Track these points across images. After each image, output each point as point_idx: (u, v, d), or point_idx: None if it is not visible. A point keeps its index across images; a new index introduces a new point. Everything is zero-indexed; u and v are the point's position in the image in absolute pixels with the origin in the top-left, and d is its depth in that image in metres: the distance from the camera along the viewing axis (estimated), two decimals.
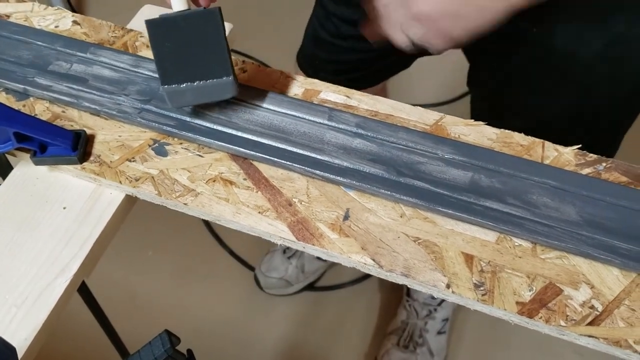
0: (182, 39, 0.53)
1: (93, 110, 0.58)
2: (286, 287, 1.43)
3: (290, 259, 1.44)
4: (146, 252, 1.49)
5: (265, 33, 1.35)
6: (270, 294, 1.44)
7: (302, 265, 1.44)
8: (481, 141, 0.57)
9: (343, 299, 1.44)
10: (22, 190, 0.55)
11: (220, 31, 0.53)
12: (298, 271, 1.43)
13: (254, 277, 1.46)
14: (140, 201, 0.56)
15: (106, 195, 0.55)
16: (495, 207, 0.52)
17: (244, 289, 1.45)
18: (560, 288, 0.49)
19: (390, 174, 0.53)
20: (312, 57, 1.01)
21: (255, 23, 1.85)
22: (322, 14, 0.93)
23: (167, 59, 0.53)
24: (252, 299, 1.44)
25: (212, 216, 0.53)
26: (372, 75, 1.03)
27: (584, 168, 0.56)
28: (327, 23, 0.93)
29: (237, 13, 2.04)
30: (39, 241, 0.52)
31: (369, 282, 1.46)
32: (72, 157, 0.54)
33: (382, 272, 0.50)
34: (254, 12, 1.99)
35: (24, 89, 0.59)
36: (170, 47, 0.53)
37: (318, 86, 0.62)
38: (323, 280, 1.47)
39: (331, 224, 0.52)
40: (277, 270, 1.43)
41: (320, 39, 0.96)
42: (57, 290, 0.49)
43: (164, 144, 0.57)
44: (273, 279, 1.42)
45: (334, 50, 0.96)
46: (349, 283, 1.45)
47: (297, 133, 0.57)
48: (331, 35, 0.94)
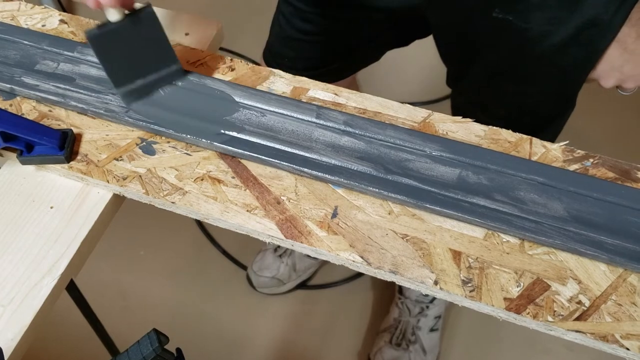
0: (124, 42, 0.56)
1: (80, 110, 0.58)
2: (278, 286, 1.43)
3: (282, 258, 1.44)
4: (137, 252, 1.48)
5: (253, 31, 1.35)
6: (262, 293, 1.44)
7: (294, 263, 1.44)
8: (469, 138, 0.58)
9: (335, 297, 1.44)
10: (9, 189, 0.55)
11: (158, 26, 0.57)
12: (290, 269, 1.43)
13: (246, 276, 1.46)
14: (131, 200, 0.56)
15: (93, 194, 0.55)
16: (483, 204, 0.52)
17: (236, 288, 1.45)
18: (548, 284, 0.49)
19: (379, 172, 0.54)
20: (279, 55, 1.01)
21: (244, 21, 1.84)
22: (289, 10, 0.93)
23: (115, 64, 0.56)
24: (245, 298, 1.44)
25: (200, 215, 0.53)
26: (342, 69, 1.03)
27: (572, 164, 0.56)
28: (294, 19, 0.93)
29: (226, 11, 2.05)
30: (26, 240, 0.52)
31: (362, 280, 1.46)
32: (59, 156, 0.54)
33: (371, 269, 0.50)
34: (243, 10, 1.98)
35: (10, 89, 0.59)
36: (116, 52, 0.56)
37: (306, 84, 0.62)
38: (315, 279, 1.47)
39: (319, 221, 0.52)
40: (269, 269, 1.43)
41: (287, 37, 0.96)
42: (45, 290, 0.49)
43: (152, 143, 0.57)
44: (265, 277, 1.42)
45: (302, 46, 0.96)
46: (342, 281, 1.45)
47: (285, 131, 0.57)
48: (299, 31, 0.94)
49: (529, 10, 0.70)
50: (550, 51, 0.73)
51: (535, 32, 0.72)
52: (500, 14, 0.72)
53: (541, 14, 0.70)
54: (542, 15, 0.70)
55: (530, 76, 0.80)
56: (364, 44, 0.96)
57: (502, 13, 0.72)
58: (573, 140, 0.60)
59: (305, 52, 0.97)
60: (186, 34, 0.67)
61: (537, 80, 0.80)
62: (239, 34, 1.70)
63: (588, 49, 0.72)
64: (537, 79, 0.80)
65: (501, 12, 0.72)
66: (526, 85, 0.81)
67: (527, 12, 0.70)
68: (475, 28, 0.77)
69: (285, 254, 1.44)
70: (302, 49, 0.97)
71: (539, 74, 0.79)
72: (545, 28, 0.71)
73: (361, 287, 1.46)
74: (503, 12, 0.72)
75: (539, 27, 0.71)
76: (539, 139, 0.58)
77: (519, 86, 0.82)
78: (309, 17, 0.90)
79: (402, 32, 0.94)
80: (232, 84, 0.60)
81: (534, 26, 0.71)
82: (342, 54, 0.98)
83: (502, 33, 0.74)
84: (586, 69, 0.75)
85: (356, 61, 1.03)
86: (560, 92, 0.82)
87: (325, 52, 0.97)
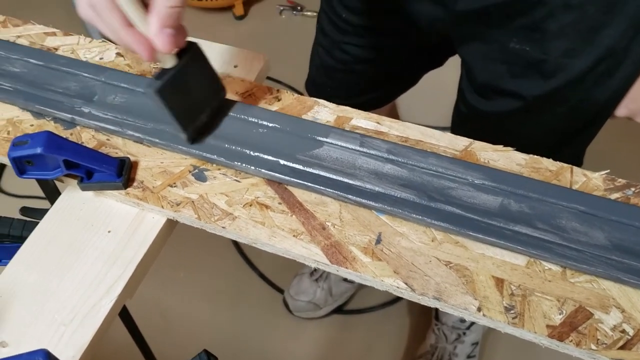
0: (184, 84, 0.56)
1: (136, 139, 0.61)
2: (315, 310, 1.44)
3: (318, 282, 1.45)
4: (178, 274, 1.52)
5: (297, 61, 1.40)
6: (299, 317, 1.45)
7: (330, 288, 1.45)
8: (510, 166, 0.59)
9: (372, 323, 1.45)
10: (69, 214, 0.58)
11: (206, 59, 0.59)
12: (326, 294, 1.45)
13: (283, 300, 1.47)
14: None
15: (148, 219, 0.57)
16: (525, 232, 0.53)
17: (273, 311, 1.47)
18: (591, 312, 0.50)
19: (422, 199, 0.55)
20: (322, 86, 1.04)
21: (288, 51, 1.89)
22: (327, 42, 0.95)
23: (179, 107, 0.57)
24: (282, 322, 1.45)
25: (248, 239, 0.55)
26: (381, 97, 1.05)
27: (613, 193, 0.57)
28: (334, 51, 0.95)
29: (271, 42, 2.10)
30: (86, 263, 0.54)
31: (398, 306, 1.46)
32: (117, 183, 0.57)
33: (415, 296, 0.51)
34: (287, 41, 2.03)
35: (71, 119, 0.62)
36: (178, 96, 0.56)
37: (349, 113, 0.64)
38: (352, 304, 1.48)
39: (364, 247, 0.54)
40: (306, 294, 1.44)
41: (327, 67, 0.99)
42: (103, 310, 0.52)
43: (204, 170, 0.59)
44: (302, 302, 1.44)
45: (342, 76, 0.99)
46: (378, 306, 1.46)
47: (330, 159, 0.59)
48: (340, 62, 0.96)
49: (546, 40, 0.71)
50: (567, 84, 0.74)
51: (552, 65, 0.72)
52: (517, 44, 0.73)
53: (558, 44, 0.70)
54: (559, 45, 0.70)
55: (546, 107, 0.80)
56: (402, 70, 0.98)
57: (520, 43, 0.73)
58: (614, 169, 0.60)
59: (345, 82, 0.99)
60: (235, 66, 0.70)
61: (553, 113, 0.80)
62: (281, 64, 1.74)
63: (605, 80, 0.73)
64: (553, 111, 0.80)
65: (519, 42, 0.73)
66: (539, 116, 0.81)
67: (544, 42, 0.71)
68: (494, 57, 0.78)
69: (321, 279, 1.46)
70: (343, 79, 0.99)
71: (554, 106, 0.79)
72: (562, 60, 0.71)
73: (397, 313, 1.46)
74: (520, 42, 0.72)
75: (556, 59, 0.72)
76: (578, 168, 0.59)
77: (534, 116, 0.82)
78: (347, 48, 0.93)
79: (435, 52, 0.95)
80: (278, 113, 0.63)
81: (550, 57, 0.72)
82: (381, 82, 1.01)
83: (520, 64, 0.75)
84: (603, 99, 0.75)
85: (395, 88, 1.06)
86: (574, 125, 0.82)
87: (365, 81, 0.99)
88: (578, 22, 0.68)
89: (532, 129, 0.83)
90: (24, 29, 0.74)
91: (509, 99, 0.80)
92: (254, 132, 0.61)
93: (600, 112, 0.79)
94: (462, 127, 0.93)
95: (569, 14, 0.67)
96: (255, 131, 0.61)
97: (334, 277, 1.45)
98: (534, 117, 0.81)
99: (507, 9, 0.70)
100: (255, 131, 0.61)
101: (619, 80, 0.72)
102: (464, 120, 0.92)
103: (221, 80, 0.61)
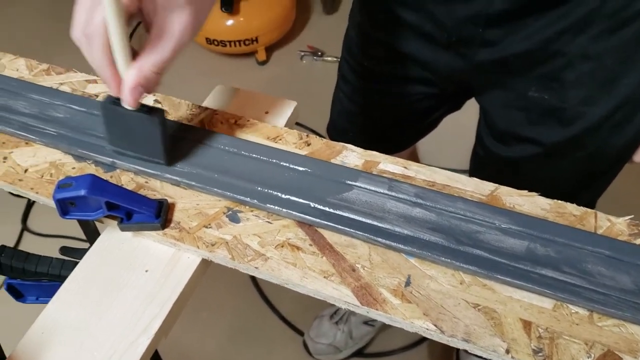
0: (128, 124, 0.61)
1: (174, 182, 0.63)
2: (335, 354, 1.44)
3: (338, 325, 1.46)
4: (199, 314, 1.53)
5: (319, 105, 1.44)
6: None
7: (350, 331, 1.45)
8: (535, 211, 0.60)
9: None
10: (108, 254, 0.60)
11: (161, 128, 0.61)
12: (346, 337, 1.44)
13: (302, 342, 1.47)
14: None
15: (184, 259, 0.59)
16: (551, 275, 0.54)
17: (293, 353, 1.47)
18: (620, 356, 0.50)
19: (450, 243, 0.57)
20: (344, 130, 1.06)
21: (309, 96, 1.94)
22: (348, 89, 0.98)
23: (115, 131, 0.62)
24: None
25: (281, 280, 0.57)
26: (403, 141, 1.07)
27: (638, 238, 0.58)
28: (355, 97, 0.98)
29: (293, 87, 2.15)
30: (125, 302, 0.56)
31: (419, 349, 1.45)
32: (155, 224, 0.59)
33: (444, 337, 0.52)
34: (308, 85, 2.08)
35: (111, 162, 0.65)
36: (118, 125, 0.62)
37: (377, 157, 0.67)
38: (372, 346, 1.47)
39: (393, 289, 0.55)
40: (326, 336, 1.44)
41: (349, 113, 1.01)
42: (140, 348, 0.53)
43: (237, 212, 0.62)
44: (322, 345, 1.44)
45: (364, 121, 1.01)
46: (399, 350, 1.45)
47: (359, 202, 0.61)
48: (362, 107, 0.99)
49: (564, 89, 0.73)
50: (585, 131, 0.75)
51: (570, 113, 0.74)
52: (536, 92, 0.75)
53: (576, 93, 0.72)
54: (577, 94, 0.72)
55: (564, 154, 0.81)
56: (423, 116, 1.01)
57: (538, 92, 0.75)
58: (638, 214, 0.61)
59: (367, 127, 1.02)
60: (266, 112, 0.73)
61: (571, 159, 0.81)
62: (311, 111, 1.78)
63: (622, 127, 0.74)
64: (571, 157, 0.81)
65: (537, 90, 0.75)
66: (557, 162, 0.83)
67: (563, 91, 0.73)
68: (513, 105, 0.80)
69: (341, 321, 1.46)
70: (364, 124, 1.02)
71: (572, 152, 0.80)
72: (580, 108, 0.73)
73: (418, 356, 1.45)
74: (539, 90, 0.75)
75: (574, 107, 0.73)
76: (602, 213, 0.60)
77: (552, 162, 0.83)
78: (368, 94, 0.96)
79: (455, 97, 0.98)
80: (308, 157, 0.65)
81: (569, 106, 0.74)
82: (402, 128, 1.03)
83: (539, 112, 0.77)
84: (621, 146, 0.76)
85: (416, 133, 1.08)
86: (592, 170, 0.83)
87: (386, 126, 1.02)
88: (596, 72, 0.70)
89: (551, 174, 0.84)
90: (66, 76, 0.78)
91: (527, 145, 0.82)
92: (285, 175, 0.63)
93: (618, 158, 0.80)
94: (480, 170, 0.95)
95: (587, 64, 0.70)
96: (287, 175, 0.63)
97: (354, 320, 1.45)
98: (552, 163, 0.82)
99: (527, 59, 0.73)
100: (287, 175, 0.63)
101: (636, 127, 0.74)
102: (482, 164, 0.94)
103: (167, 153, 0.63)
